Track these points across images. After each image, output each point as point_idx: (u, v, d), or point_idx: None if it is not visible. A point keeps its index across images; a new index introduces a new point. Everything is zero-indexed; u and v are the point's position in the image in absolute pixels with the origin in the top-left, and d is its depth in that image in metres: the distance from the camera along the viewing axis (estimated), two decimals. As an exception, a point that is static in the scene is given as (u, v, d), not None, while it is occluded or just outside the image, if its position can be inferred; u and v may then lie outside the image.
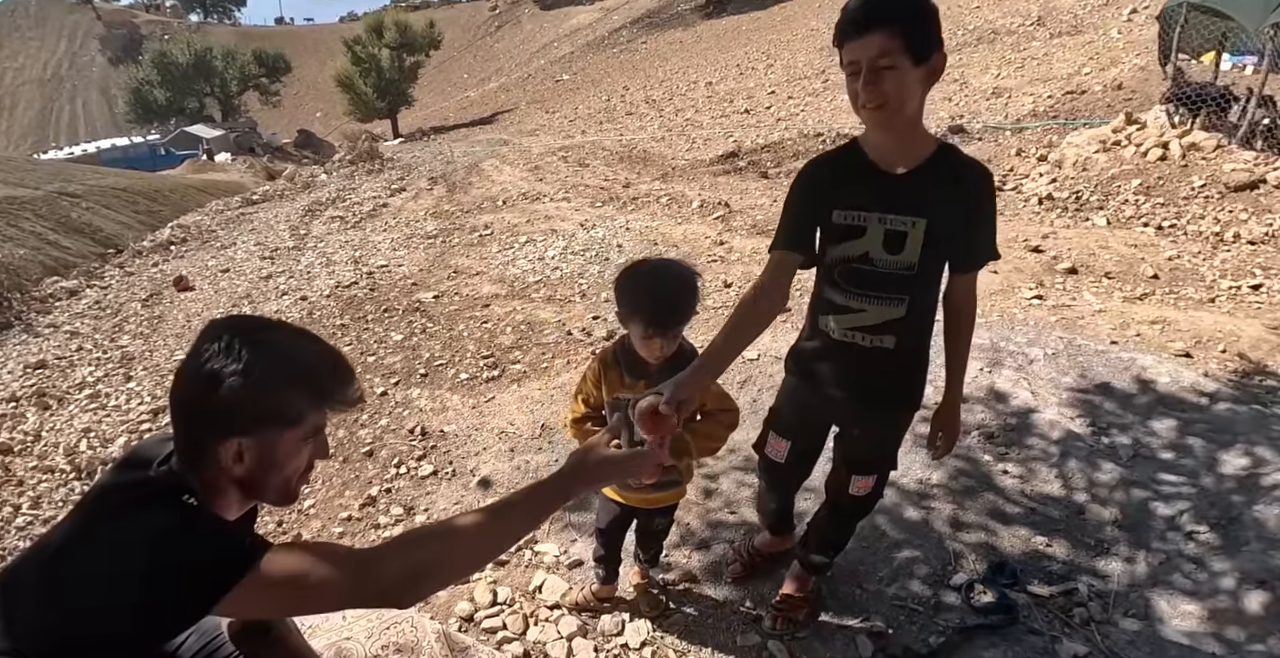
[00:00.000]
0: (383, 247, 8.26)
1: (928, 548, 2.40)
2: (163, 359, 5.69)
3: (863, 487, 1.96)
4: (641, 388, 1.79)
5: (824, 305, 1.80)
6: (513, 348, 4.44)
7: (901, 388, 1.84)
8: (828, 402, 1.91)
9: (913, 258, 1.62)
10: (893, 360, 1.76)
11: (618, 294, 1.77)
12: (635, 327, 1.73)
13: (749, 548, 2.46)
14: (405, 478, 3.19)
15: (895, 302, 1.68)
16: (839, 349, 1.79)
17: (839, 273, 1.72)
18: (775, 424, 2.11)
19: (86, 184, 15.87)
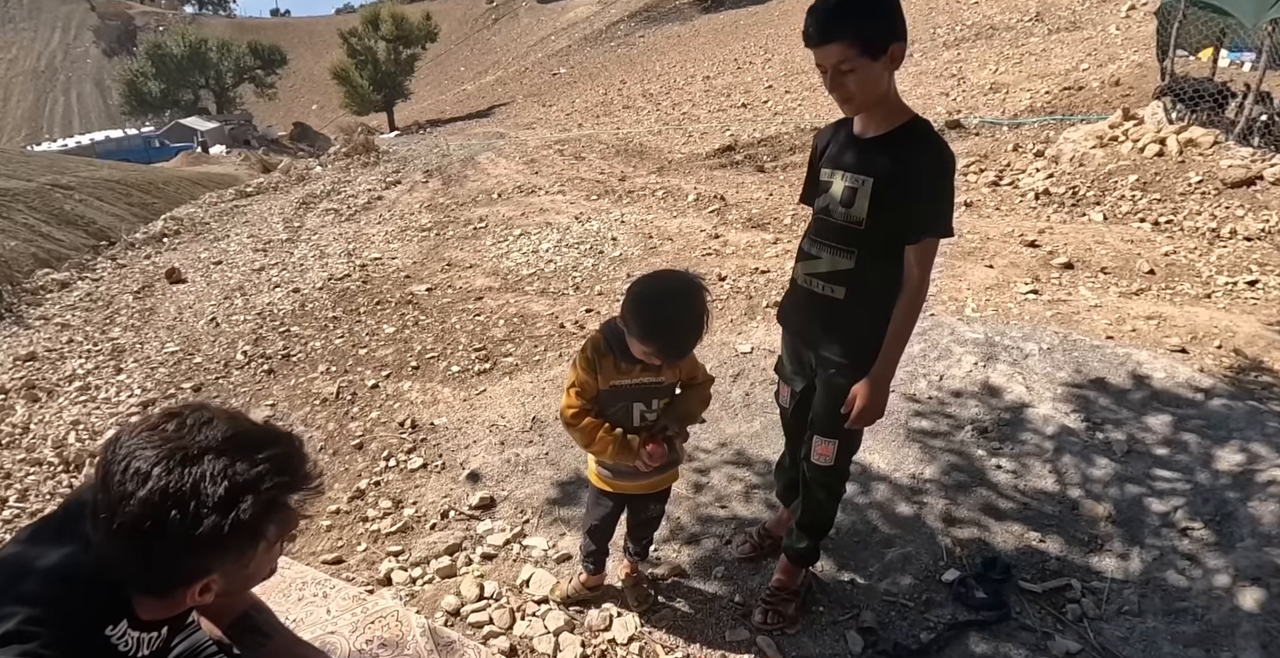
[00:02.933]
0: (376, 239, 8.21)
1: (919, 543, 2.38)
2: (153, 351, 5.64)
3: (822, 454, 2.00)
4: (638, 373, 1.82)
5: (798, 254, 1.98)
6: (505, 341, 4.41)
7: (846, 343, 1.89)
8: (800, 347, 2.05)
9: (861, 214, 1.77)
10: (841, 312, 1.87)
11: (631, 312, 1.70)
12: (643, 346, 1.70)
13: (760, 530, 2.48)
14: (394, 471, 3.15)
15: (844, 253, 1.82)
16: (801, 296, 1.97)
17: (812, 223, 1.94)
18: (779, 370, 2.22)
19: (79, 176, 15.79)
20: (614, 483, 2.00)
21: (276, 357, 4.87)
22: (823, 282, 1.87)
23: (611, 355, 1.81)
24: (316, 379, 4.37)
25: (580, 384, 1.85)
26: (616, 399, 1.86)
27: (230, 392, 4.56)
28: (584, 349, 1.86)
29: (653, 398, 1.89)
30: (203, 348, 5.44)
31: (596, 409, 1.87)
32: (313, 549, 2.69)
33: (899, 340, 1.82)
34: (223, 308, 6.36)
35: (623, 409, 1.88)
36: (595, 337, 1.85)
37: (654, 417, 1.91)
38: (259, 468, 1.01)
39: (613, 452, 1.84)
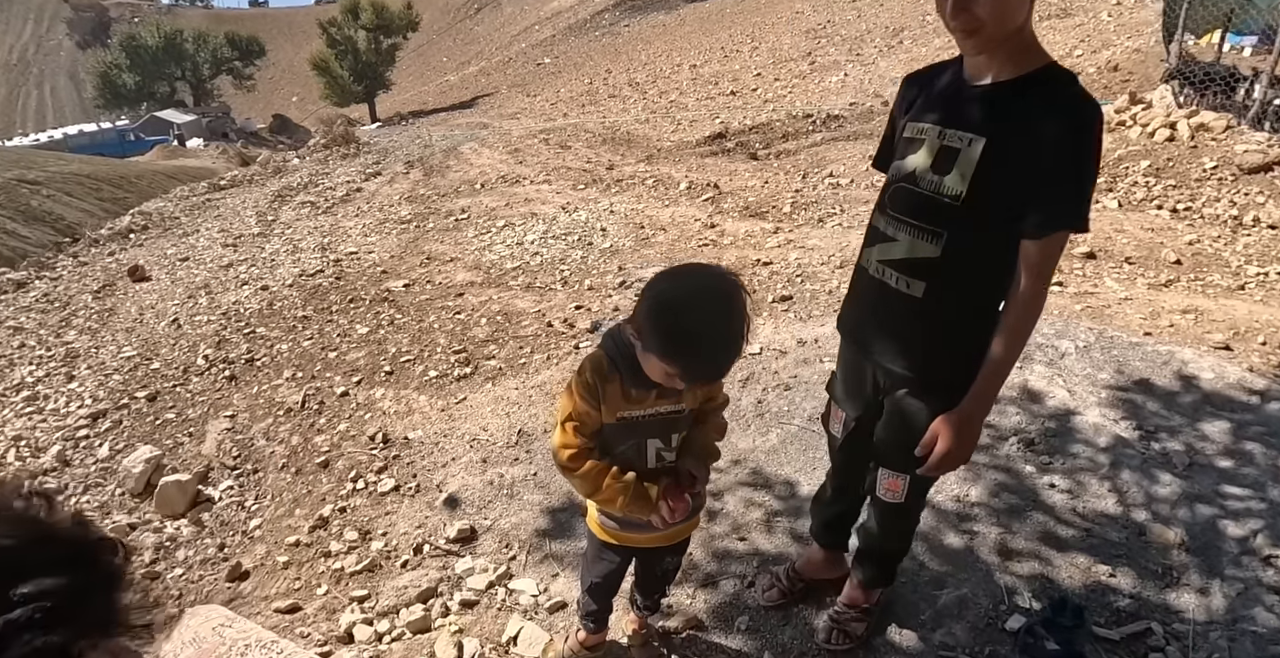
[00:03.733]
0: (353, 233, 7.80)
1: (975, 583, 2.04)
2: (109, 356, 5.24)
3: (890, 489, 1.64)
4: (653, 400, 1.43)
5: (869, 236, 1.56)
6: (487, 341, 4.03)
7: (922, 356, 1.50)
8: (866, 357, 1.63)
9: (959, 185, 1.34)
10: (920, 315, 1.46)
11: (650, 321, 1.28)
12: (665, 367, 1.29)
13: (790, 570, 2.09)
14: (362, 494, 2.79)
15: (929, 235, 1.41)
16: (871, 289, 1.55)
17: (889, 194, 1.50)
18: (832, 390, 1.81)
19: (48, 171, 15.28)
20: (621, 535, 1.61)
21: (240, 361, 4.48)
22: (898, 272, 1.46)
23: (618, 379, 1.41)
24: (281, 386, 3.99)
25: (579, 417, 1.43)
26: (626, 435, 1.47)
27: (188, 401, 4.18)
28: (581, 371, 1.44)
29: (671, 432, 1.50)
30: (162, 352, 5.04)
31: (600, 447, 1.48)
32: (266, 593, 2.33)
33: (1001, 368, 1.40)
34: (186, 308, 5.95)
35: (634, 448, 1.48)
36: (596, 355, 1.44)
37: (672, 455, 1.52)
38: (13, 614, 0.63)
39: (624, 504, 1.45)
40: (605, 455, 1.47)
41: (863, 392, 1.68)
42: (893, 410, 1.59)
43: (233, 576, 2.53)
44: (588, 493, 1.49)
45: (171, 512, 3.28)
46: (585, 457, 1.45)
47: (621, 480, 1.44)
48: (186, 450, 3.71)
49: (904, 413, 1.55)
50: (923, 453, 1.47)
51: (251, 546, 2.74)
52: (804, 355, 3.30)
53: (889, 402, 1.60)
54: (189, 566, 2.82)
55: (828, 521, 1.99)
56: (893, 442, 1.61)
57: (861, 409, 1.70)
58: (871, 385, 1.64)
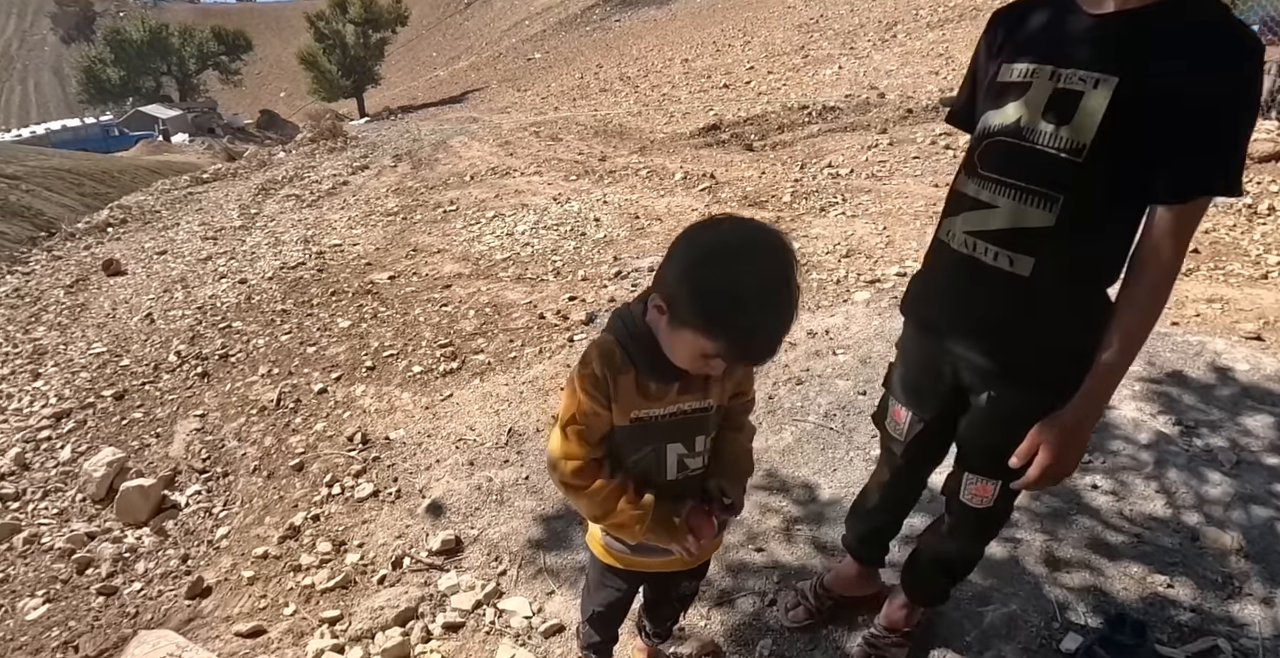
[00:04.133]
0: (338, 225, 7.55)
1: (1024, 598, 1.82)
2: (78, 353, 4.98)
3: (977, 495, 1.40)
4: (675, 396, 1.16)
5: (952, 203, 1.30)
6: (475, 334, 3.79)
7: (1028, 346, 1.23)
8: (944, 351, 1.36)
9: (1084, 136, 1.08)
10: (1026, 298, 1.19)
11: (686, 285, 1.01)
12: (707, 344, 1.01)
13: (817, 586, 1.85)
14: (338, 500, 2.55)
15: (1041, 200, 1.13)
16: (957, 267, 1.27)
17: (980, 151, 1.22)
18: (891, 384, 1.55)
19: (27, 165, 14.99)
20: (631, 560, 1.34)
21: (213, 357, 4.23)
22: (996, 246, 1.19)
23: (632, 371, 1.13)
24: (256, 383, 3.75)
25: (584, 420, 1.15)
26: (641, 440, 1.19)
27: (157, 400, 3.93)
28: (586, 362, 1.15)
29: (696, 434, 1.22)
30: (133, 348, 4.79)
31: (608, 456, 1.21)
32: (228, 612, 2.09)
33: (1120, 364, 1.15)
34: (161, 302, 5.70)
35: (651, 455, 1.21)
36: (605, 342, 1.15)
37: (697, 463, 1.25)
38: None
39: (642, 531, 1.19)
40: (615, 467, 1.21)
41: (937, 388, 1.41)
42: (983, 411, 1.33)
43: (193, 592, 2.29)
44: (595, 516, 1.23)
45: (133, 519, 3.03)
46: (594, 471, 1.17)
47: (638, 506, 1.18)
48: (153, 453, 3.46)
49: (998, 414, 1.31)
50: (1020, 464, 1.23)
51: (217, 558, 2.50)
52: (815, 347, 3.08)
53: (977, 401, 1.34)
54: (148, 580, 2.58)
55: (868, 533, 1.75)
56: (983, 447, 1.36)
57: (935, 409, 1.45)
58: (950, 382, 1.38)
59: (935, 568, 1.60)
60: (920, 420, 1.47)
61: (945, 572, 1.60)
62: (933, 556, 1.60)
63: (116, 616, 2.44)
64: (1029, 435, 1.21)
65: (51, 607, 2.52)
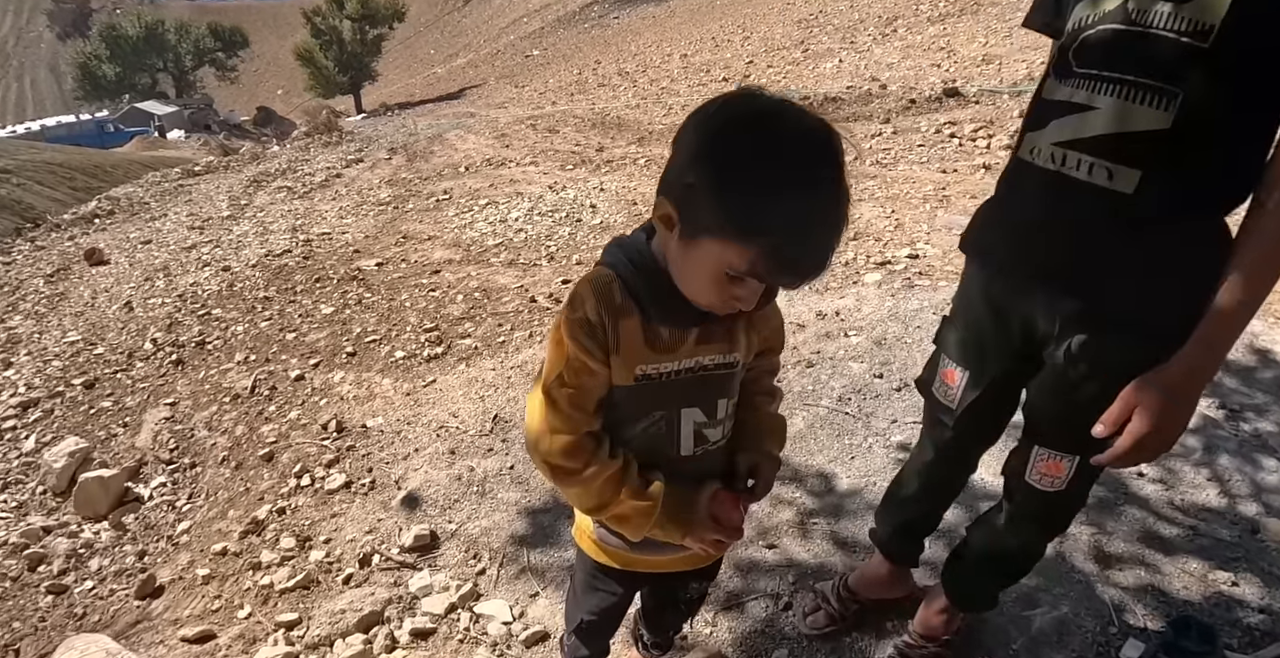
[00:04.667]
0: (328, 215, 7.33)
1: (1075, 599, 1.61)
2: (51, 342, 4.78)
3: (1047, 474, 1.15)
4: (692, 346, 0.91)
5: (1035, 116, 1.05)
6: (463, 319, 3.57)
7: (1129, 281, 1.00)
8: (1016, 294, 1.11)
9: (1211, 15, 0.85)
10: (1127, 220, 0.96)
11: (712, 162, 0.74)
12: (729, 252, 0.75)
13: (840, 588, 1.61)
14: (307, 493, 2.33)
15: (1155, 96, 0.90)
16: (1041, 186, 1.03)
17: (1075, 47, 0.98)
18: (943, 340, 1.30)
19: (19, 159, 14.80)
20: (629, 557, 1.07)
21: (189, 344, 4.02)
22: (1093, 157, 0.95)
23: (635, 314, 0.87)
24: (231, 370, 3.54)
25: (575, 381, 0.89)
26: (650, 403, 0.94)
27: (127, 388, 3.72)
28: (575, 304, 0.88)
29: (719, 397, 0.97)
30: (108, 337, 4.58)
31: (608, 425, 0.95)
32: (177, 615, 1.88)
33: (1247, 305, 0.91)
34: (141, 291, 5.49)
35: (661, 424, 0.95)
36: (600, 276, 0.89)
37: (718, 433, 0.99)
38: None
39: (651, 527, 0.95)
40: (614, 440, 0.95)
41: (1005, 343, 1.16)
42: (1063, 367, 1.08)
43: (143, 592, 2.08)
44: (589, 508, 0.97)
45: (92, 513, 2.83)
46: (589, 448, 0.91)
47: (645, 495, 0.93)
48: (119, 443, 3.26)
49: (1083, 369, 1.05)
50: (1107, 432, 0.98)
51: (175, 554, 2.30)
52: (825, 329, 2.87)
53: (1055, 356, 1.09)
54: (101, 578, 2.38)
55: (903, 526, 1.52)
56: (1059, 413, 1.11)
57: (999, 369, 1.20)
58: (1021, 334, 1.14)
59: (986, 567, 1.37)
60: (979, 384, 1.22)
61: (999, 572, 1.37)
62: (984, 552, 1.36)
63: (63, 616, 2.24)
64: (1121, 396, 0.96)
65: (-4, 607, 2.32)
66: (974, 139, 7.61)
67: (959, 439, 1.33)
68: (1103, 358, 1.04)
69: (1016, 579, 1.42)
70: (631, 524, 0.95)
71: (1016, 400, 1.27)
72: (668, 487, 0.94)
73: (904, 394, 2.41)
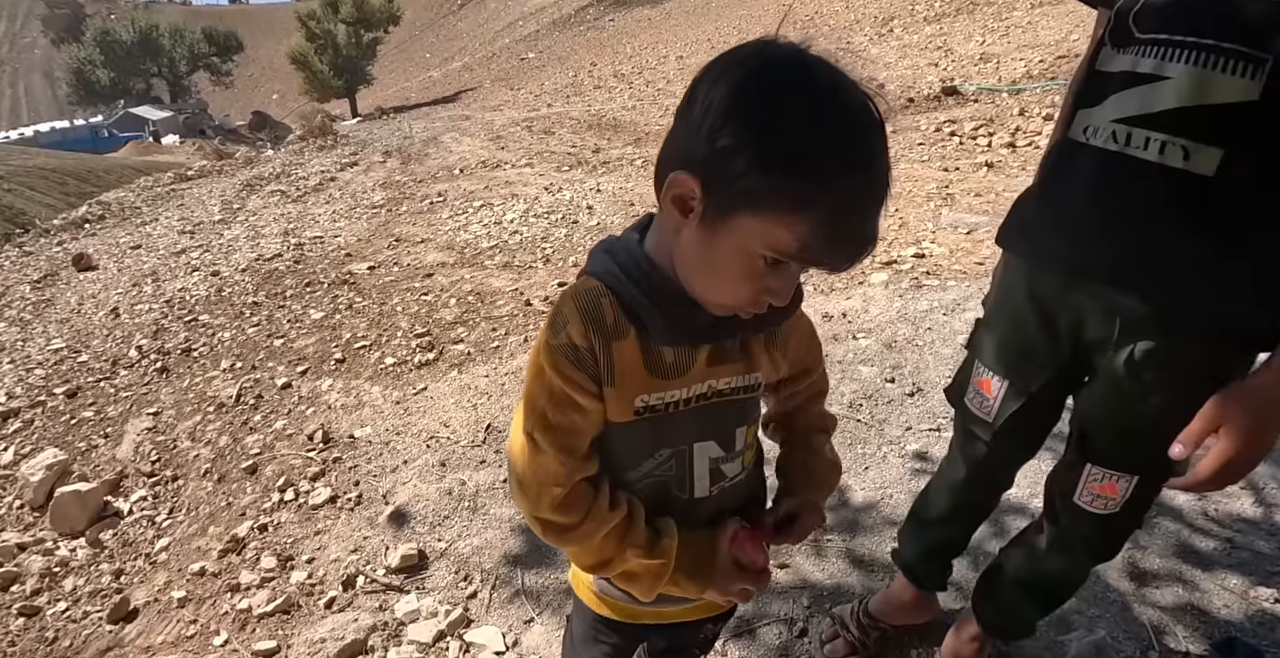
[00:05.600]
0: (321, 218, 7.23)
1: (1111, 620, 1.51)
2: (35, 350, 4.66)
3: (1102, 493, 1.03)
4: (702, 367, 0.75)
5: (1089, 92, 0.93)
6: (455, 323, 3.46)
7: (1217, 279, 0.86)
8: (1066, 293, 0.99)
9: None
10: (1205, 207, 0.83)
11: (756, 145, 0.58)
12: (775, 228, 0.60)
13: (860, 614, 1.50)
14: (290, 508, 2.22)
15: (1240, 62, 0.77)
16: (1098, 171, 0.90)
17: (1136, 12, 0.86)
18: (978, 346, 1.17)
19: (10, 165, 14.73)
20: (635, 610, 0.91)
21: (175, 352, 3.91)
22: (1166, 136, 0.83)
23: (632, 335, 0.73)
24: (216, 378, 3.42)
25: (561, 421, 0.74)
26: (656, 441, 0.79)
27: (110, 397, 3.60)
28: (555, 327, 0.73)
29: (736, 426, 0.82)
30: (93, 344, 4.47)
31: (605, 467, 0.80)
32: (150, 642, 1.77)
33: None
34: (128, 297, 5.38)
35: (671, 463, 0.80)
36: (586, 291, 0.74)
37: (738, 469, 0.84)
38: None
39: (670, 581, 0.80)
40: (617, 484, 0.80)
41: (1053, 348, 1.04)
42: (1123, 375, 0.95)
43: (116, 616, 1.97)
44: (591, 566, 0.82)
45: (69, 529, 2.71)
46: (587, 498, 0.76)
47: (655, 552, 0.78)
48: (100, 455, 3.14)
49: (1148, 379, 0.93)
50: (1187, 453, 0.85)
51: (151, 574, 2.18)
52: (831, 331, 2.76)
53: (1114, 362, 0.96)
54: (76, 598, 2.26)
55: (932, 548, 1.41)
56: (1118, 426, 0.99)
57: (1047, 376, 1.07)
58: (1070, 336, 1.02)
59: (1024, 594, 1.25)
60: (1021, 395, 1.10)
61: (1038, 598, 1.26)
62: (1022, 578, 1.25)
63: (34, 641, 2.12)
64: (1204, 411, 0.84)
65: (-38, 631, 2.20)
66: (974, 137, 7.54)
67: (996, 456, 1.20)
68: (1172, 364, 0.91)
69: (1058, 606, 1.30)
70: (642, 583, 0.81)
71: (1060, 411, 1.16)
72: (682, 536, 0.80)
73: (917, 399, 2.31)
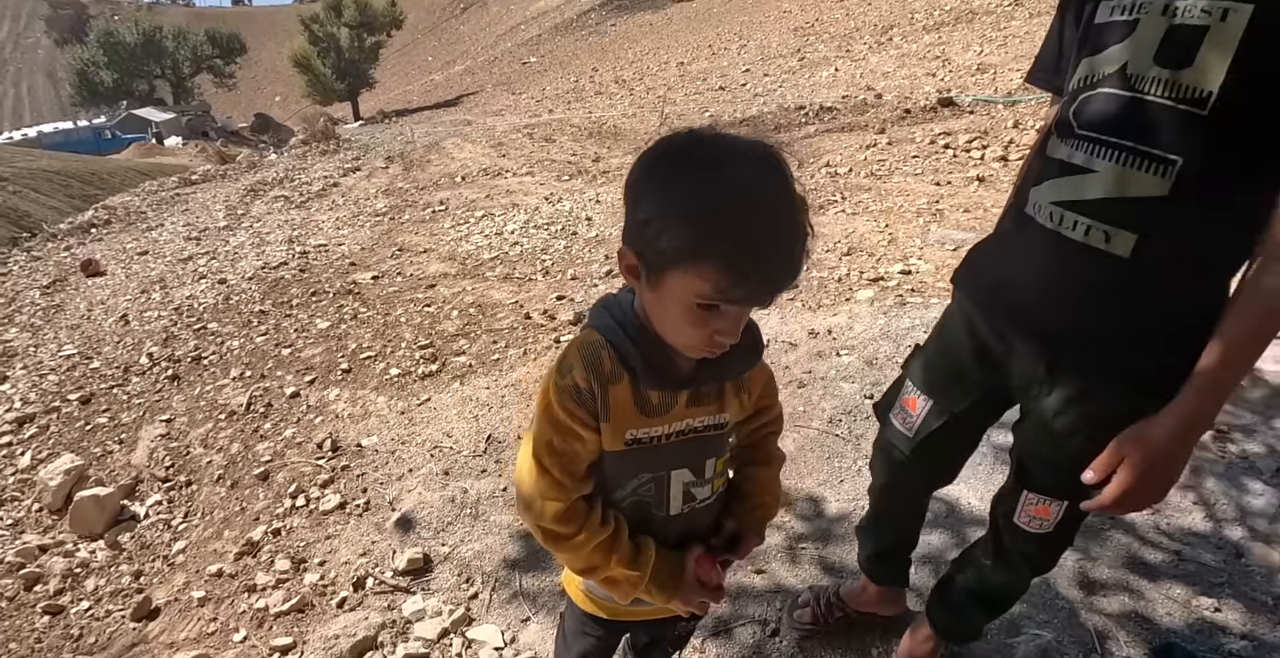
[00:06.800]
0: (325, 226, 7.36)
1: (1058, 626, 1.64)
2: (47, 356, 4.78)
3: (1037, 516, 1.18)
4: (682, 409, 0.92)
5: (1036, 169, 1.08)
6: (457, 335, 3.60)
7: (1127, 344, 1.01)
8: (1001, 338, 1.14)
9: (1207, 82, 0.87)
10: (1124, 283, 0.98)
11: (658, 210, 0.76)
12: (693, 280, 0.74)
13: (832, 595, 1.67)
14: (302, 513, 2.35)
15: (1153, 164, 0.91)
16: (1038, 246, 1.05)
17: (1075, 108, 1.00)
18: (911, 367, 1.33)
19: (15, 167, 14.81)
20: (618, 609, 1.10)
21: (185, 360, 4.04)
22: (1091, 220, 0.98)
23: (624, 380, 0.88)
24: (226, 387, 3.55)
25: (565, 449, 0.89)
26: (640, 467, 0.95)
27: (124, 404, 3.73)
28: (563, 369, 0.89)
29: (706, 457, 0.98)
30: (104, 351, 4.59)
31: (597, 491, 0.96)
32: (173, 638, 1.90)
33: (1242, 361, 0.93)
34: (137, 303, 5.50)
35: (651, 487, 0.97)
36: (589, 343, 0.90)
37: (706, 492, 1.00)
38: None
39: (644, 589, 0.97)
40: (605, 501, 0.97)
41: (977, 379, 1.20)
42: (1056, 417, 1.10)
43: (139, 614, 2.10)
44: (579, 570, 0.99)
45: (88, 531, 2.84)
46: (583, 514, 0.92)
47: (635, 564, 0.95)
48: (115, 460, 3.26)
49: (1069, 421, 1.08)
50: (1097, 479, 1.00)
51: (170, 575, 2.31)
52: (817, 348, 2.90)
53: (1046, 403, 1.11)
54: (98, 598, 2.38)
55: (880, 551, 1.56)
56: (1047, 459, 1.14)
57: (969, 401, 1.23)
58: (996, 373, 1.18)
59: (973, 601, 1.40)
60: (943, 414, 1.25)
61: (984, 605, 1.40)
62: (970, 587, 1.39)
63: (60, 638, 2.25)
64: (1110, 446, 0.99)
65: (-8, 628, 2.33)
66: (968, 150, 7.66)
67: (913, 468, 1.35)
68: (1089, 411, 1.06)
69: (1001, 613, 1.45)
70: (620, 589, 0.97)
71: (978, 440, 1.32)
72: (657, 555, 0.96)
73: (894, 415, 2.45)
